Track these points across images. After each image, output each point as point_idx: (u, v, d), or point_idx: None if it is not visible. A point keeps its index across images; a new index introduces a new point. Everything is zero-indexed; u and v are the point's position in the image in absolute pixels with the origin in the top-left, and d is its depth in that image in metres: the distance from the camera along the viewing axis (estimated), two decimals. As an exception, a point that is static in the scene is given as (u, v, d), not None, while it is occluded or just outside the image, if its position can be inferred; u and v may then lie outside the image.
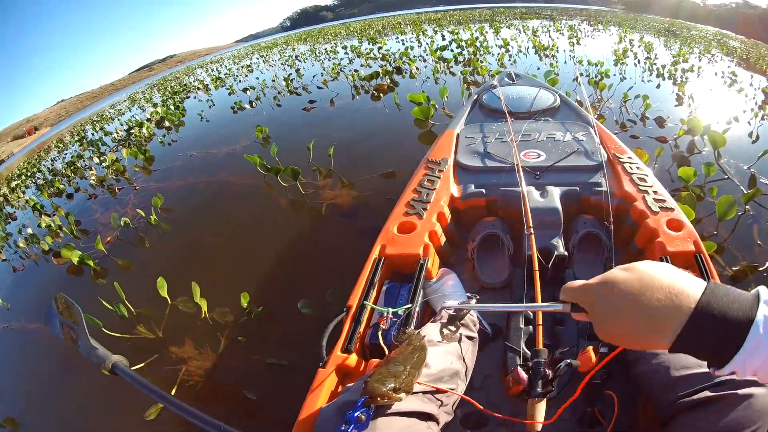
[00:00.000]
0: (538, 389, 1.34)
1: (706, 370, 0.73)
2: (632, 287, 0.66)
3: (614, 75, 8.27)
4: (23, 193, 13.51)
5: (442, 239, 2.37)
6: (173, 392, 2.82)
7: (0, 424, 3.60)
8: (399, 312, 1.83)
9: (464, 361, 1.54)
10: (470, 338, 1.68)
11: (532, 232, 2.00)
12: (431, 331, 1.58)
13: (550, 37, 15.27)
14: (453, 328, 1.62)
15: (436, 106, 6.37)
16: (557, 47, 11.66)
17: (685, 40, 17.40)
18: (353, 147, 6.04)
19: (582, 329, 1.83)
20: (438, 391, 1.31)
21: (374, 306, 1.87)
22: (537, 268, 1.79)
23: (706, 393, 1.16)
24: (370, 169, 5.10)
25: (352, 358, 1.67)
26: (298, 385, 1.73)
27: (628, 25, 22.84)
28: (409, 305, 1.85)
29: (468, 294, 2.05)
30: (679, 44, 14.88)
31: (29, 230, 7.61)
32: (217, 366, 2.98)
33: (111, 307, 3.77)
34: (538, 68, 9.30)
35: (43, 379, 3.81)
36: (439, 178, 2.67)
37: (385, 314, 1.81)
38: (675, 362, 1.30)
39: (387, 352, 1.46)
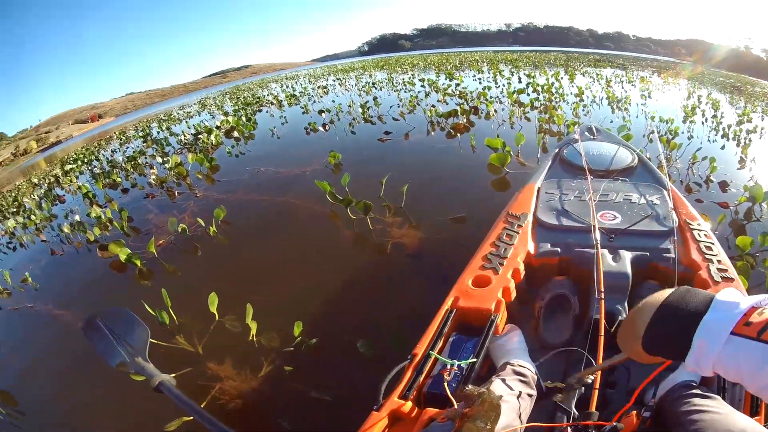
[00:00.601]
0: None
1: None
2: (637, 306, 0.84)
3: (683, 132, 8.04)
4: (76, 178, 13.97)
5: (513, 295, 2.38)
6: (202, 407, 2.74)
7: None
8: (462, 365, 1.86)
9: (520, 419, 1.60)
10: (529, 395, 1.74)
11: (603, 297, 2.05)
12: (496, 386, 1.67)
13: (622, 88, 15.13)
14: (516, 385, 1.70)
15: (511, 153, 6.24)
16: (630, 100, 11.48)
17: (750, 97, 16.94)
18: (425, 186, 5.99)
19: (630, 392, 1.87)
20: None
21: (440, 357, 1.91)
22: (602, 333, 1.84)
23: None
24: (441, 211, 5.02)
25: (408, 406, 1.69)
26: (339, 422, 1.91)
27: (697, 79, 22.52)
28: (474, 359, 1.88)
29: (530, 351, 2.12)
30: (743, 102, 14.47)
31: (77, 217, 7.78)
32: (255, 390, 2.94)
33: (153, 312, 3.76)
34: (611, 121, 9.14)
35: (53, 366, 3.88)
36: (517, 233, 2.72)
37: (449, 366, 1.85)
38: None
39: (454, 403, 1.45)
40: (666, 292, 0.78)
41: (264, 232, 5.47)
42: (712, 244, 2.50)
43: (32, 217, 9.51)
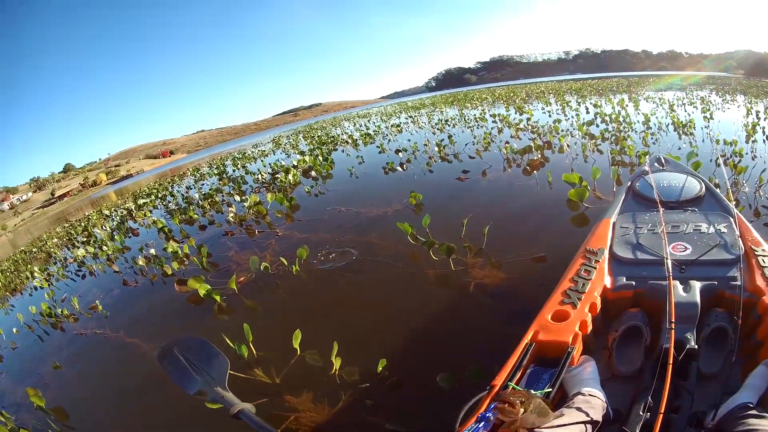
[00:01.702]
0: None
1: None
2: None
3: (747, 153, 7.68)
4: (150, 212, 14.64)
5: (590, 328, 2.52)
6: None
7: (51, 410, 4.09)
8: (537, 395, 1.84)
9: None
10: (593, 423, 1.81)
11: (674, 327, 2.14)
12: (566, 413, 1.78)
13: (685, 110, 14.68)
14: (582, 413, 1.80)
15: (588, 187, 6.17)
16: (694, 124, 11.16)
17: None
18: (505, 225, 6.03)
19: (692, 417, 1.93)
20: None
21: (516, 387, 1.97)
22: (671, 362, 1.93)
23: None
24: (521, 250, 5.06)
25: None
26: None
27: (752, 93, 21.53)
28: (550, 389, 1.98)
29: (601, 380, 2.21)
30: None
31: (152, 251, 8.19)
32: (331, 423, 3.04)
33: (233, 345, 3.98)
34: (679, 148, 8.83)
35: (119, 392, 4.20)
36: (594, 268, 2.85)
37: None
38: None
39: None
40: None
41: (347, 272, 5.58)
42: None
43: (104, 247, 10.07)
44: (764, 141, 9.35)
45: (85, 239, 13.88)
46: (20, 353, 5.96)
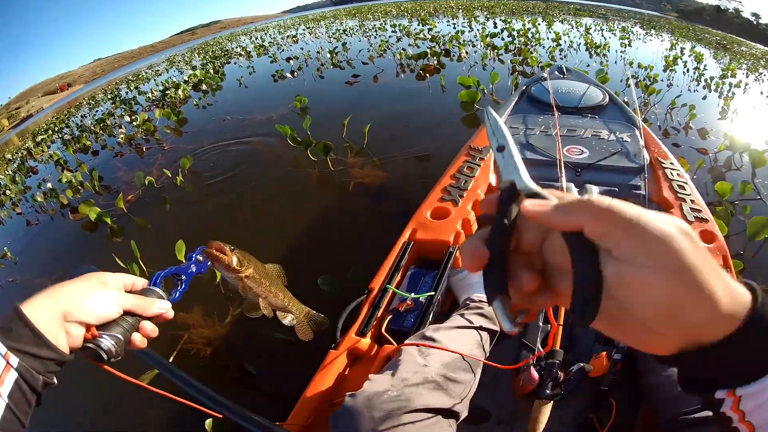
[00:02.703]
0: (548, 391, 1.41)
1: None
2: (697, 252, 0.41)
3: (662, 81, 8.17)
4: (48, 147, 14.02)
5: (474, 228, 2.43)
6: (171, 359, 2.93)
7: None
8: (420, 299, 1.90)
9: (484, 350, 1.61)
10: (490, 330, 1.72)
11: None
12: (455, 320, 1.68)
13: (602, 36, 15.11)
14: (476, 319, 1.70)
15: (485, 91, 6.35)
16: (609, 47, 11.54)
17: (735, 55, 17.11)
18: (391, 126, 6.11)
19: (600, 333, 1.86)
20: (457, 382, 1.36)
21: (397, 290, 1.95)
22: None
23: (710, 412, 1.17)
24: (406, 150, 5.16)
25: (365, 342, 1.74)
26: (305, 363, 1.80)
27: (681, 33, 22.45)
28: (432, 293, 1.91)
29: None
30: (728, 59, 14.58)
31: (49, 185, 7.95)
32: (222, 337, 3.07)
33: (123, 266, 3.93)
34: (588, 65, 9.26)
35: None
36: (479, 165, 2.77)
37: (408, 300, 1.89)
38: None
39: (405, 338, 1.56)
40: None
41: (229, 178, 5.63)
42: (685, 183, 2.59)
43: (7, 192, 9.66)
44: (684, 73, 9.75)
45: (-9, 188, 13.36)
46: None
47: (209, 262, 1.07)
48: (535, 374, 1.45)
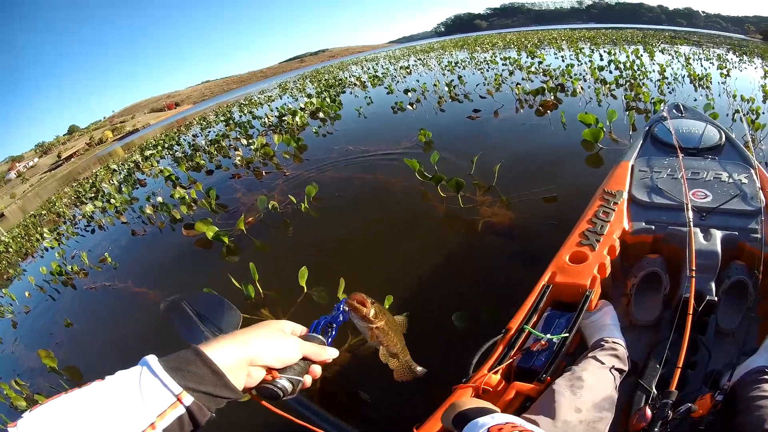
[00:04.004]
0: (656, 429, 1.50)
1: None
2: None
3: (764, 113, 7.56)
4: (157, 162, 14.60)
5: (608, 272, 2.49)
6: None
7: (64, 371, 4.10)
8: (554, 339, 1.97)
9: (616, 390, 1.76)
10: (620, 371, 1.87)
11: (695, 275, 2.13)
12: (589, 363, 1.83)
13: (701, 65, 14.44)
14: (609, 360, 1.86)
15: (604, 129, 6.04)
16: (711, 78, 10.99)
17: None
18: (517, 163, 5.94)
19: (707, 375, 1.95)
20: (602, 421, 1.60)
21: (533, 331, 2.04)
22: (691, 312, 1.94)
23: None
24: (532, 188, 4.98)
25: (495, 379, 1.82)
26: (429, 395, 1.94)
27: None
28: (567, 334, 1.99)
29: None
30: None
31: (159, 198, 8.21)
32: (340, 363, 3.05)
33: (239, 286, 3.97)
34: (695, 99, 8.70)
35: (129, 343, 4.19)
36: (613, 210, 2.83)
37: (542, 340, 1.96)
38: None
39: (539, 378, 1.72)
40: (468, 403, 1.28)
41: (356, 209, 5.58)
42: None
43: (112, 201, 10.07)
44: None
45: (93, 195, 13.91)
46: (33, 316, 6.00)
47: (349, 312, 1.12)
48: (649, 413, 1.55)
